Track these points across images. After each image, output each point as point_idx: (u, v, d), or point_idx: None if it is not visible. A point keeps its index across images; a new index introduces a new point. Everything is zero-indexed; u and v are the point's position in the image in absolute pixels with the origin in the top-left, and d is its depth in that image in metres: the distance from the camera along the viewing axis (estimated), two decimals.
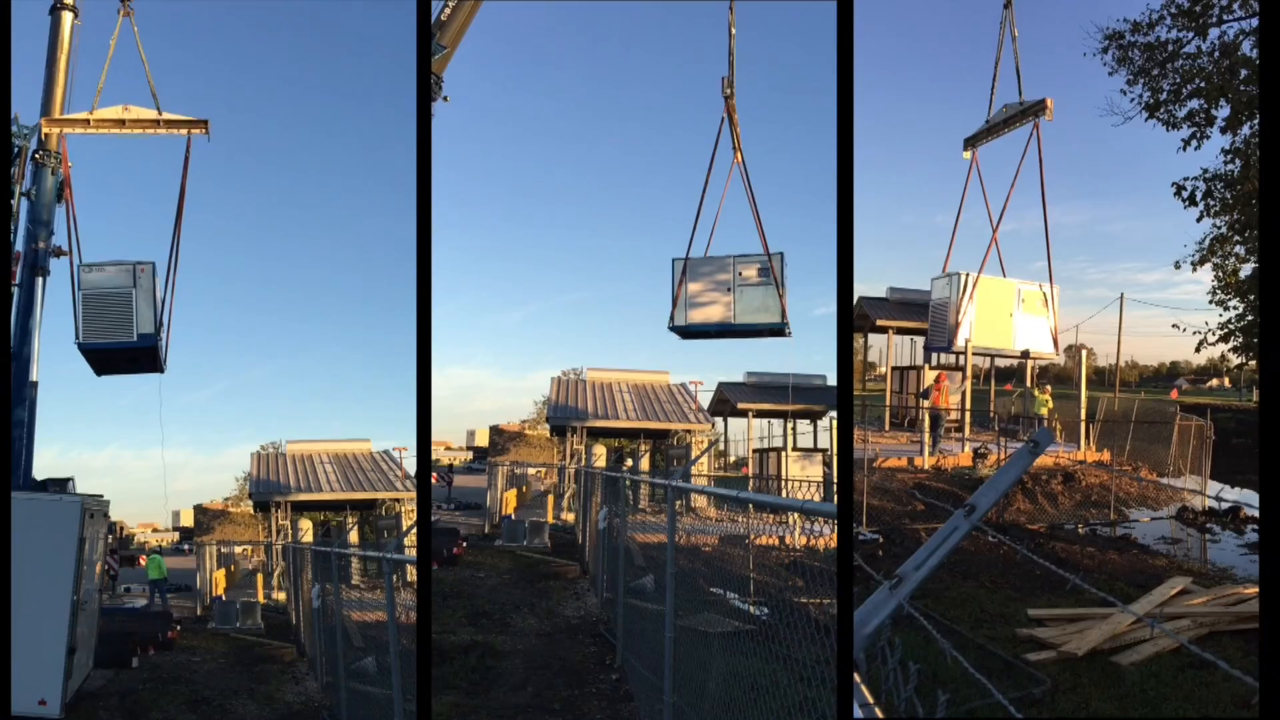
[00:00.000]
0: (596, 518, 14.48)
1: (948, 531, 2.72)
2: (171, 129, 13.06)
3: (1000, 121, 20.18)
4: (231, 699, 14.39)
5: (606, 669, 10.87)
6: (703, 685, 7.41)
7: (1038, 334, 22.05)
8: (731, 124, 14.12)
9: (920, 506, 15.87)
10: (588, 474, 18.29)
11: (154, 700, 14.25)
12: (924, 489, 17.06)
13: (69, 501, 11.57)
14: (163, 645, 17.45)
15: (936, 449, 20.21)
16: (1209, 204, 17.16)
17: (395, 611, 7.90)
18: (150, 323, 12.76)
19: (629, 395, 25.13)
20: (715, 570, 8.91)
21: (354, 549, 19.28)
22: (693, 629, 7.99)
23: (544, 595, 15.52)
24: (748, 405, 26.25)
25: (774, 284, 14.20)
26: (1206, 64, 16.96)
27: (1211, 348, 18.22)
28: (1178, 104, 17.40)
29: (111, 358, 13.10)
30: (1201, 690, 8.23)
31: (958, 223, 21.95)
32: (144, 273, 12.77)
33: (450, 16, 12.70)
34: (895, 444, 21.89)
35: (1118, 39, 17.66)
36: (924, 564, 2.66)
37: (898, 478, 18.07)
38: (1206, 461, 23.18)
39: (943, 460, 19.72)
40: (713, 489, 11.75)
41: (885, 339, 26.75)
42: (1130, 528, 17.59)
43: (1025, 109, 19.60)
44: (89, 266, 12.75)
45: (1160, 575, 12.46)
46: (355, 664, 11.45)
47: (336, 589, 12.47)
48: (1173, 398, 32.25)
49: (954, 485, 17.64)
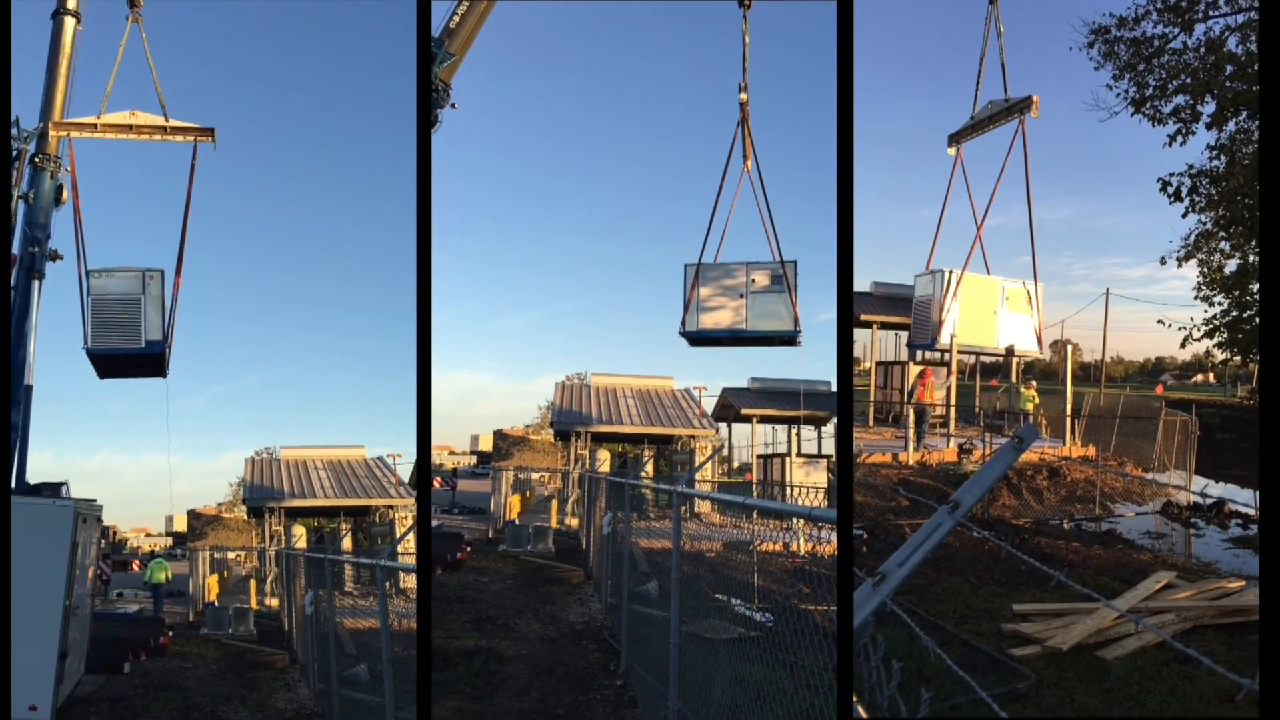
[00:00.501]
0: (601, 523, 14.41)
1: (931, 528, 2.69)
2: (178, 136, 13.13)
3: (985, 118, 20.19)
4: (223, 705, 14.27)
5: (611, 675, 10.83)
6: (707, 692, 7.35)
7: (1022, 332, 22.03)
8: (745, 131, 14.09)
9: (905, 502, 15.77)
10: (592, 479, 18.24)
11: (145, 706, 14.14)
12: (908, 485, 16.92)
13: (61, 506, 11.44)
14: (155, 651, 17.32)
15: (921, 445, 20.07)
16: (1194, 200, 17.05)
17: (388, 619, 7.88)
18: (159, 330, 12.84)
19: (633, 400, 25.11)
20: (720, 576, 8.85)
21: (348, 556, 19.17)
22: (697, 635, 7.91)
23: (548, 600, 15.48)
24: (752, 411, 26.13)
25: (786, 291, 14.17)
26: (1192, 60, 16.91)
27: (1196, 343, 18.03)
28: (1163, 99, 17.33)
29: (117, 362, 13.10)
30: (1186, 684, 8.25)
31: (941, 219, 21.94)
32: (153, 280, 12.84)
33: (459, 24, 12.71)
34: (880, 439, 21.72)
35: (1104, 33, 17.55)
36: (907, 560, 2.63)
37: (882, 473, 17.92)
38: (1191, 457, 23.21)
39: (927, 456, 19.56)
40: (716, 494, 11.66)
41: (870, 334, 26.51)
42: (1115, 523, 17.57)
43: (1011, 106, 19.60)
44: (98, 272, 12.77)
45: (1145, 570, 12.46)
46: (348, 671, 11.39)
47: (330, 595, 12.42)
48: (1158, 393, 32.39)
49: (939, 481, 17.46)
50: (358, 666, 11.21)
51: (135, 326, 12.71)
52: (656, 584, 10.20)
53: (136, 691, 14.95)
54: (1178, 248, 18.43)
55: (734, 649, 7.20)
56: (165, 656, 17.60)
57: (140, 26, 13.00)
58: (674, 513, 8.19)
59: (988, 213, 20.86)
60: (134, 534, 27.18)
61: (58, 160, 12.83)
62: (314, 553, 19.02)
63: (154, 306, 12.83)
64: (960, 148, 21.07)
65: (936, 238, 22.12)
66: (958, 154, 21.12)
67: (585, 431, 23.61)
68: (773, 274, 14.40)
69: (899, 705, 3.76)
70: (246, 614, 20.79)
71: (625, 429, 24.26)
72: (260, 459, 25.36)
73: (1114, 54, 17.53)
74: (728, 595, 8.75)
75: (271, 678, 16.33)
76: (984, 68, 19.85)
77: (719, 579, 8.85)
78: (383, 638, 7.78)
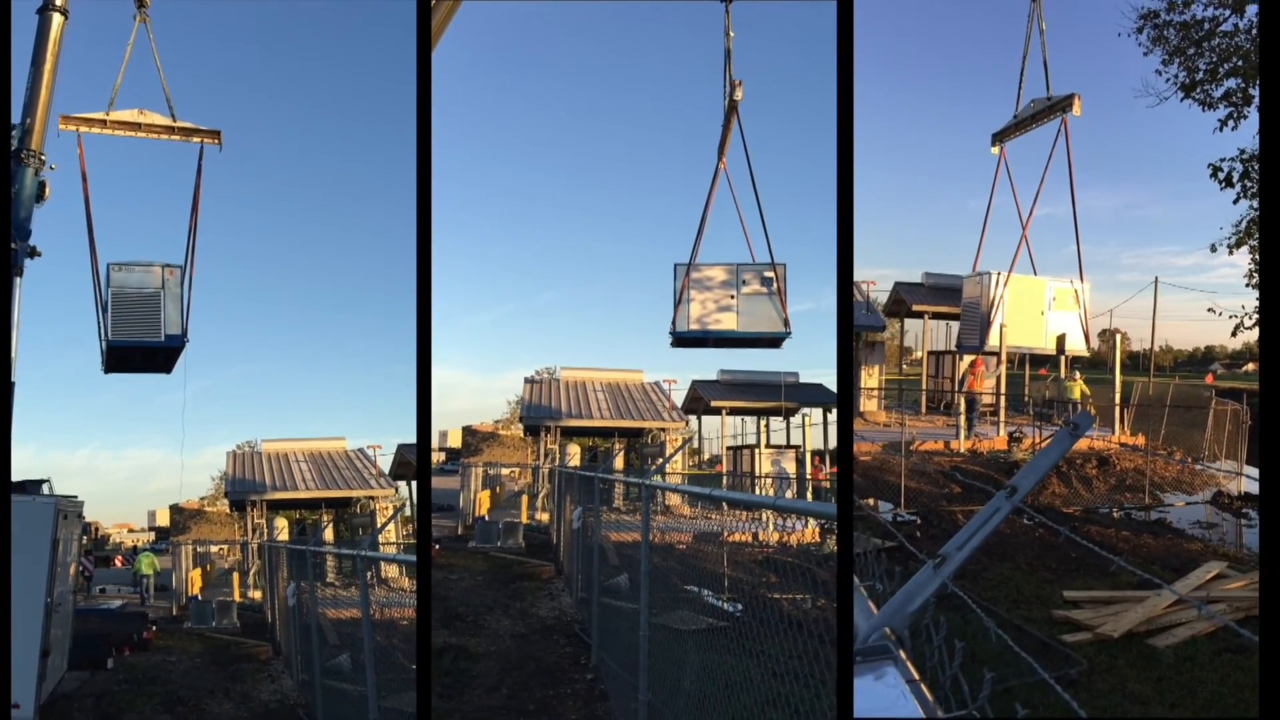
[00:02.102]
0: (571, 517, 14.51)
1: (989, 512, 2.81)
2: (185, 137, 13.39)
3: (1028, 116, 20.09)
4: (207, 698, 14.32)
5: (581, 669, 10.92)
6: (677, 682, 7.47)
7: (1069, 330, 22.11)
8: (725, 130, 14.13)
9: (957, 489, 15.95)
10: (562, 473, 18.29)
11: (129, 701, 14.15)
12: (960, 472, 17.12)
13: (42, 503, 11.46)
14: (138, 646, 17.32)
15: (972, 433, 20.47)
16: (1246, 185, 16.43)
17: (370, 608, 7.94)
18: (178, 324, 13.20)
19: (602, 394, 25.16)
20: (689, 568, 8.98)
21: (329, 547, 19.23)
22: (667, 626, 8.05)
23: (518, 596, 15.54)
24: (721, 403, 26.30)
25: (776, 294, 14.30)
26: (1244, 42, 16.34)
27: (1248, 331, 17.25)
28: (1214, 84, 16.80)
29: (131, 356, 13.41)
30: (1237, 673, 8.20)
31: (986, 220, 21.74)
32: (172, 276, 13.18)
33: None
34: (932, 427, 22.22)
35: (1152, 18, 17.23)
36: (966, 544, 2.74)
37: (934, 461, 18.20)
38: (1242, 446, 22.77)
39: (978, 444, 19.98)
40: (691, 488, 11.79)
41: (921, 324, 27.08)
42: (1165, 512, 17.36)
43: (1053, 104, 19.45)
44: (118, 266, 13.02)
45: (1196, 560, 12.35)
46: (330, 661, 11.49)
47: (312, 587, 12.50)
48: (1208, 382, 32.10)
49: (990, 468, 17.68)
50: (340, 656, 11.32)
51: (155, 320, 13.03)
52: (627, 577, 10.33)
53: (120, 687, 14.97)
54: (1228, 234, 17.74)
55: (703, 640, 7.33)
56: (149, 651, 17.59)
57: (148, 26, 13.06)
58: (643, 506, 8.31)
59: (1032, 213, 20.85)
60: (116, 530, 27.10)
61: (42, 156, 12.82)
62: (296, 545, 18.94)
63: (173, 302, 13.17)
64: (1004, 147, 21.13)
65: (982, 239, 22.06)
66: (1001, 153, 21.18)
67: (555, 426, 23.67)
68: (762, 276, 14.52)
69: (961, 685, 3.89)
70: (230, 607, 20.86)
71: (595, 423, 24.36)
72: (242, 452, 25.35)
73: (1163, 38, 17.18)
74: (698, 586, 8.89)
75: (255, 670, 16.38)
76: (1026, 65, 19.77)
77: (688, 570, 8.98)
78: (364, 627, 7.87)
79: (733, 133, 14.13)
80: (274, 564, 18.37)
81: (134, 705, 14.05)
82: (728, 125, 14.16)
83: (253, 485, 24.20)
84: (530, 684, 10.16)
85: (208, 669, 16.65)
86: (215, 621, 20.22)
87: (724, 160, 14.40)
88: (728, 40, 13.72)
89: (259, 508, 24.12)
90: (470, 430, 23.16)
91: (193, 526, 23.16)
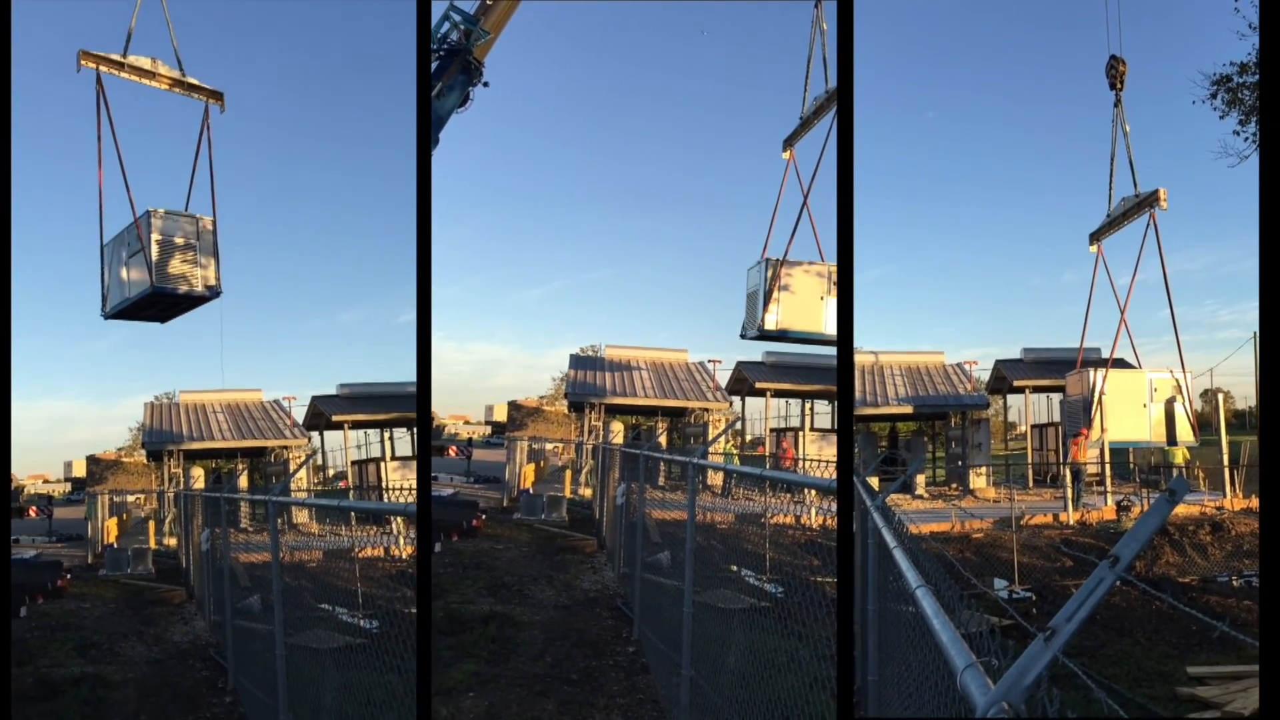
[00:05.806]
0: (614, 493, 15.77)
1: (1093, 583, 2.85)
2: (191, 93, 14.19)
3: (1120, 214, 22.61)
4: (120, 642, 15.27)
5: (624, 641, 11.98)
6: (719, 660, 8.08)
7: (1178, 425, 23.66)
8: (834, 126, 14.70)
9: (1069, 562, 16.90)
10: (605, 450, 19.69)
11: (42, 647, 15.04)
12: (1070, 544, 18.25)
13: None
14: (52, 594, 18.14)
15: (1080, 504, 22.35)
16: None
17: (280, 552, 8.96)
18: (214, 275, 14.05)
19: (647, 373, 26.76)
20: (731, 547, 9.51)
21: (242, 494, 20.24)
22: (710, 605, 8.57)
23: (561, 568, 16.81)
24: (766, 385, 27.87)
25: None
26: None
27: None
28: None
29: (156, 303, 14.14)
30: None
31: (1087, 317, 24.10)
32: (206, 228, 13.98)
33: (494, 3, 13.23)
34: (1039, 501, 24.45)
35: (1225, 83, 19.02)
36: (1074, 615, 2.79)
37: (1044, 534, 19.51)
38: None
39: (1087, 515, 21.87)
40: (729, 465, 12.29)
41: (1023, 399, 30.05)
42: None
43: (1141, 201, 21.91)
44: (157, 213, 13.72)
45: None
46: (241, 603, 12.53)
47: (225, 532, 13.58)
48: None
49: (1100, 539, 18.93)
50: (251, 598, 12.35)
51: (194, 270, 13.84)
52: (668, 554, 10.96)
53: (33, 634, 15.82)
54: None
55: (747, 619, 7.83)
56: (63, 599, 18.49)
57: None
58: (689, 485, 8.83)
59: (1129, 300, 23.16)
60: (31, 480, 27.03)
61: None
62: (210, 492, 20.32)
63: (207, 253, 14.02)
64: (1100, 244, 23.66)
65: (1084, 333, 24.50)
66: (1099, 250, 23.59)
67: (599, 403, 25.13)
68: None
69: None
70: (145, 554, 21.94)
71: (639, 401, 25.95)
72: (160, 403, 26.66)
73: (1238, 100, 18.91)
74: (739, 566, 9.43)
75: (169, 613, 17.49)
76: (1115, 165, 22.33)
77: (730, 550, 9.52)
78: (273, 569, 8.87)
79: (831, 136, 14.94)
80: (189, 512, 19.61)
81: (47, 651, 15.03)
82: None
83: (170, 436, 25.38)
84: (574, 654, 11.01)
85: (122, 614, 17.70)
86: (130, 568, 21.24)
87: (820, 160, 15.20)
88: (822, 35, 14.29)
89: (176, 457, 25.16)
90: (515, 405, 24.00)
91: (110, 477, 23.36)
